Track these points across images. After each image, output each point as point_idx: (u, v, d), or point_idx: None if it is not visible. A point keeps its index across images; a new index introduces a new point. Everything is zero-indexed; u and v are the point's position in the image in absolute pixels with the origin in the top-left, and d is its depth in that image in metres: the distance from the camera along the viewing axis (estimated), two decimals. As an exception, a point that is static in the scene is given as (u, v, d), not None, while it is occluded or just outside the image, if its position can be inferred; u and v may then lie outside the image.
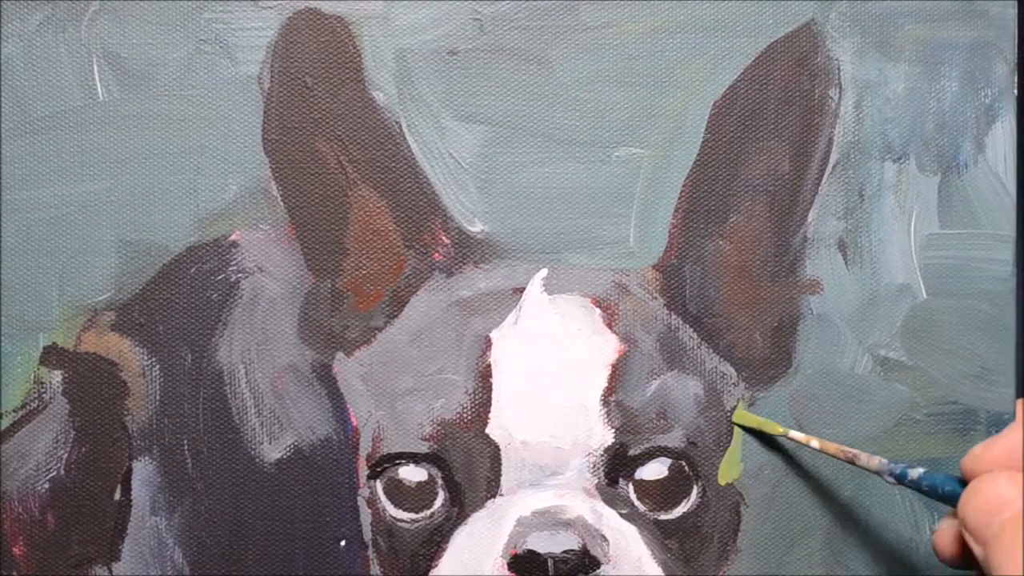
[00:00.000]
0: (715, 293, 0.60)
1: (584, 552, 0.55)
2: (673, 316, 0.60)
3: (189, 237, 0.59)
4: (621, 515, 0.57)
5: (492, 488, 0.57)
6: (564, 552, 0.55)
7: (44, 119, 0.59)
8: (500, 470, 0.57)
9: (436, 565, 0.58)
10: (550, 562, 0.55)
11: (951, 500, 0.49)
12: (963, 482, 0.48)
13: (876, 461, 0.53)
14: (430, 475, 0.58)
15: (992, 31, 0.61)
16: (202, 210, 0.59)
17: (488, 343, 0.59)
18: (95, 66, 0.59)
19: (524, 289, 0.59)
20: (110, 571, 0.59)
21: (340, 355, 0.59)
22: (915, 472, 0.51)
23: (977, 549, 0.46)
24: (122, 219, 0.59)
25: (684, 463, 0.58)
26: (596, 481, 0.58)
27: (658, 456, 0.58)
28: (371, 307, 0.59)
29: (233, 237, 0.59)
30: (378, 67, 0.59)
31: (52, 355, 0.59)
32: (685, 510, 0.58)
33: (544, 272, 0.60)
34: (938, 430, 0.60)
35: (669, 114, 0.60)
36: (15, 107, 0.59)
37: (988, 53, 0.61)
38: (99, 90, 0.59)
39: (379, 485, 0.58)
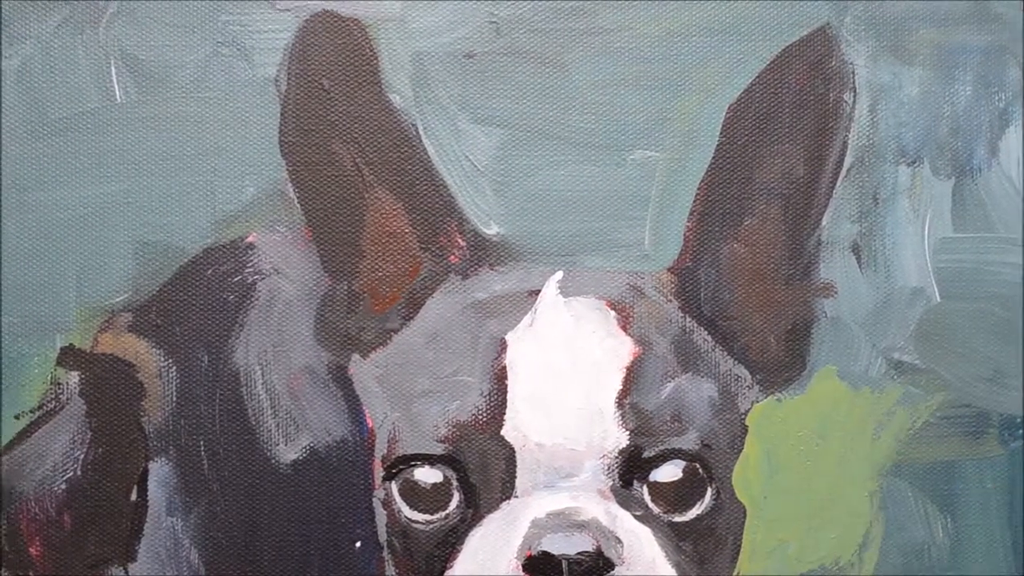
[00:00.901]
0: (730, 296, 0.60)
1: (598, 554, 0.55)
2: (688, 319, 0.60)
3: (206, 239, 0.59)
4: (635, 517, 0.57)
5: (507, 490, 0.57)
6: (578, 554, 0.55)
7: (62, 120, 0.59)
8: (515, 472, 0.57)
9: (451, 566, 0.58)
10: (564, 564, 0.55)
11: None
12: None
13: None
14: (445, 477, 0.58)
15: (1006, 35, 0.61)
16: (219, 212, 0.59)
17: (503, 345, 0.59)
18: (113, 68, 0.59)
19: (539, 291, 0.59)
20: (126, 571, 0.59)
21: (356, 357, 0.59)
22: None
23: None
24: (139, 221, 0.59)
25: (698, 465, 0.58)
26: (611, 483, 0.58)
27: (672, 458, 0.58)
28: (387, 309, 0.60)
29: (250, 239, 0.59)
30: (395, 70, 0.59)
31: (69, 356, 0.59)
32: (699, 512, 0.58)
33: (559, 275, 0.60)
34: (951, 433, 0.61)
35: (684, 117, 0.60)
36: (33, 109, 0.59)
37: (1002, 57, 0.61)
38: (117, 92, 0.59)
39: (394, 486, 0.58)
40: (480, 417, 0.58)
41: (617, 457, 0.58)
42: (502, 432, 0.58)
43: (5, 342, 0.59)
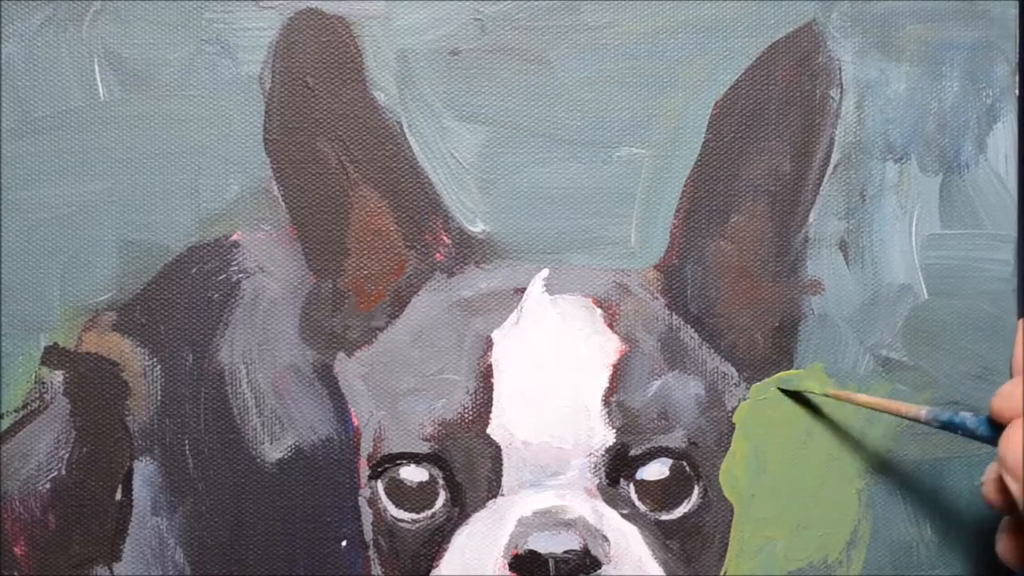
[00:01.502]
0: (716, 293, 0.60)
1: (585, 552, 0.55)
2: (674, 316, 0.60)
3: (190, 237, 0.59)
4: (622, 515, 0.57)
5: (493, 488, 0.57)
6: (565, 552, 0.55)
7: (45, 119, 0.59)
8: (501, 470, 0.57)
9: (437, 565, 0.58)
10: (551, 562, 0.55)
11: (991, 441, 0.50)
12: (994, 423, 0.50)
13: (924, 411, 0.54)
14: (431, 475, 0.58)
15: (993, 31, 0.61)
16: (203, 210, 0.59)
17: (489, 343, 0.59)
18: (96, 66, 0.59)
19: (525, 289, 0.59)
20: (111, 571, 0.59)
21: (341, 355, 0.59)
22: (957, 417, 0.52)
23: (1014, 487, 0.48)
24: (123, 219, 0.59)
25: (685, 463, 0.58)
26: (597, 481, 0.58)
27: (659, 456, 0.58)
28: (372, 307, 0.59)
29: (234, 237, 0.59)
30: (379, 67, 0.59)
31: (53, 355, 0.59)
32: (686, 510, 0.58)
33: (545, 272, 0.60)
34: (939, 431, 0.60)
35: (670, 114, 0.60)
36: (16, 107, 0.59)
37: (989, 53, 0.61)
38: (100, 90, 0.59)
39: (380, 485, 0.58)
40: (466, 415, 0.58)
41: (604, 455, 0.58)
42: (488, 430, 0.57)
43: (-10, 341, 0.59)
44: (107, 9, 0.59)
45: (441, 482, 0.58)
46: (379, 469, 0.58)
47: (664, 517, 0.58)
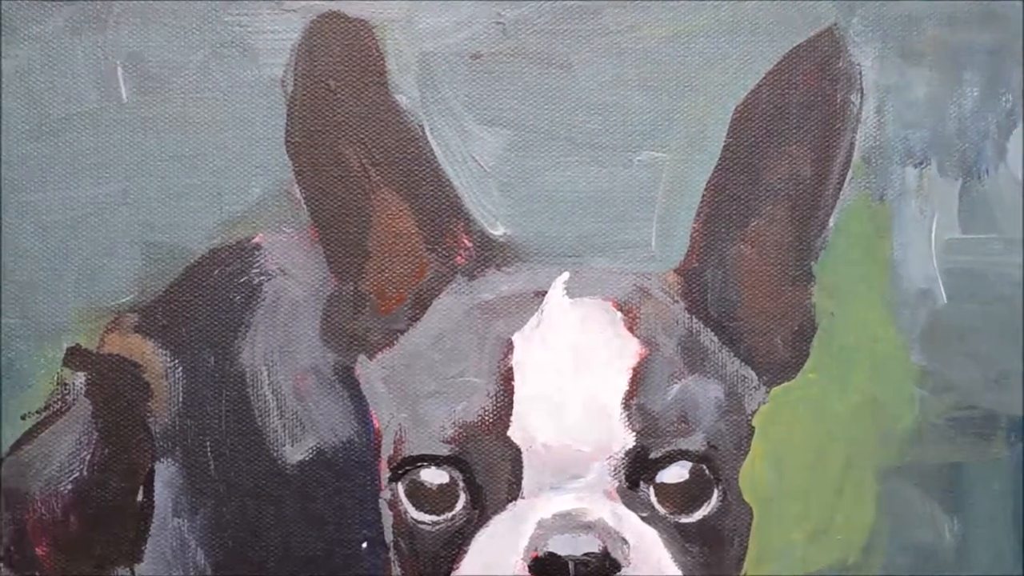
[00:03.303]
0: (736, 297, 0.60)
1: (605, 555, 0.55)
2: (694, 320, 0.60)
3: (212, 239, 0.59)
4: (642, 518, 0.57)
5: (513, 491, 0.57)
6: (585, 555, 0.55)
7: (67, 120, 0.59)
8: (521, 473, 0.57)
9: (457, 567, 0.58)
10: (571, 565, 0.55)
11: None
12: None
13: None
14: (451, 477, 0.58)
15: (1010, 34, 0.61)
16: (225, 212, 0.59)
17: (510, 346, 0.59)
18: (119, 69, 0.59)
19: (546, 292, 0.59)
20: (132, 572, 0.59)
21: (362, 357, 0.59)
22: None
23: None
24: (145, 221, 0.59)
25: (705, 466, 0.58)
26: (617, 484, 0.58)
27: (679, 459, 0.58)
28: (393, 310, 0.60)
29: (256, 239, 0.59)
30: (401, 70, 0.59)
31: (75, 357, 0.59)
32: (706, 513, 0.58)
33: (566, 275, 0.60)
34: (957, 434, 0.61)
35: (691, 118, 0.60)
36: (38, 109, 0.59)
37: (1009, 57, 0.61)
38: (123, 92, 0.59)
39: (401, 487, 0.58)
40: (486, 418, 0.58)
41: (623, 458, 0.58)
42: (508, 433, 0.57)
43: (11, 343, 0.59)
44: (128, 12, 0.59)
45: (461, 484, 0.58)
46: (399, 471, 0.58)
47: (684, 520, 0.58)
